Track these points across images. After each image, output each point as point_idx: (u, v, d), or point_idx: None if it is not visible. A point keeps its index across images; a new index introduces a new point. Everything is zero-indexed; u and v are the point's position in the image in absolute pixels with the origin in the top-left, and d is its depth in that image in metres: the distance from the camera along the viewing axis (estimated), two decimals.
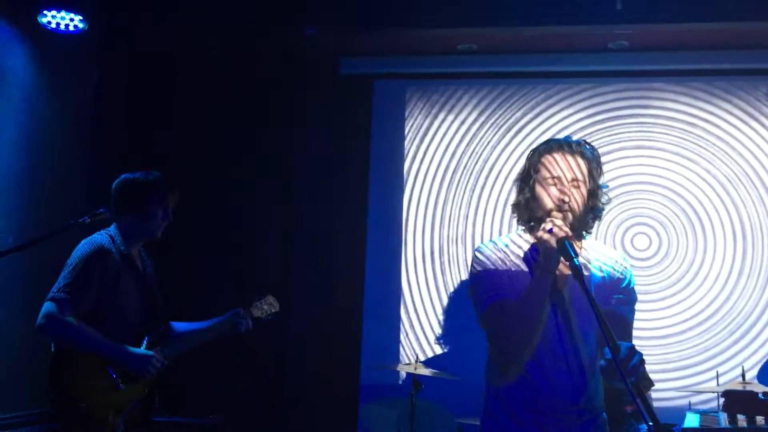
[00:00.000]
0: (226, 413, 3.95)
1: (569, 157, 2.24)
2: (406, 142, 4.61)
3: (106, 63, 4.16)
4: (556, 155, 2.25)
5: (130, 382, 2.93)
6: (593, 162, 2.27)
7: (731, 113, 4.32)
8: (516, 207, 2.33)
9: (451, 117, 4.58)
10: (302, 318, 4.45)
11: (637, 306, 2.33)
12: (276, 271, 4.50)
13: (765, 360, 4.06)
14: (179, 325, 3.22)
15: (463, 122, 4.56)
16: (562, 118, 4.46)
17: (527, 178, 2.30)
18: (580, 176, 2.23)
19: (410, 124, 4.62)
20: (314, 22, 4.10)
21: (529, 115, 4.50)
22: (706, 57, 4.32)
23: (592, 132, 4.43)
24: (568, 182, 2.22)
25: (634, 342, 2.24)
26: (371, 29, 4.24)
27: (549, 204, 2.22)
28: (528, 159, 2.32)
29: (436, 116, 4.59)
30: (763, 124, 4.28)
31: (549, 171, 2.24)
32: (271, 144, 4.59)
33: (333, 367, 4.42)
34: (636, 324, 2.34)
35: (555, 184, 2.23)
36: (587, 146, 2.29)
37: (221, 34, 4.35)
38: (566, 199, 2.20)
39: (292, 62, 4.56)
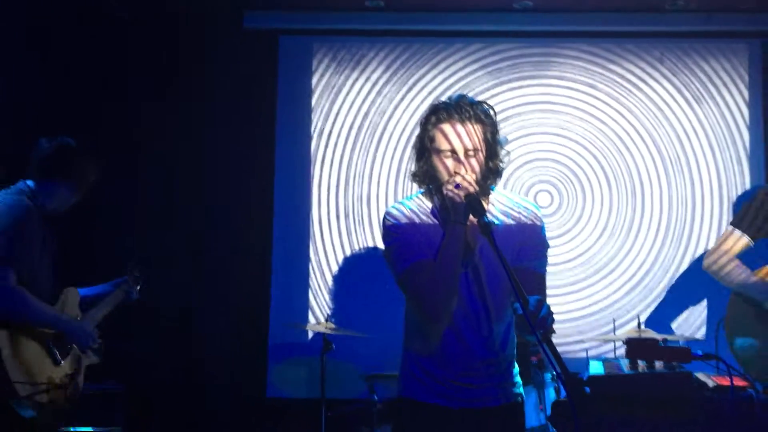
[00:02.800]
0: (130, 380, 3.85)
1: (460, 127, 2.23)
2: (313, 100, 4.54)
3: None
4: (447, 126, 2.24)
5: (66, 357, 2.82)
6: (487, 123, 2.27)
7: (628, 74, 4.47)
8: (414, 177, 2.33)
9: (357, 74, 4.53)
10: (209, 279, 4.36)
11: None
12: (181, 233, 4.36)
13: (657, 311, 4.32)
14: (82, 291, 3.11)
15: (369, 79, 4.53)
16: (467, 77, 4.50)
17: (423, 149, 2.30)
18: (474, 144, 2.23)
19: (317, 82, 4.54)
20: None
21: (435, 73, 4.51)
22: (605, 19, 4.45)
23: (496, 91, 4.49)
24: (463, 153, 2.23)
25: None
26: None
27: (445, 176, 2.24)
28: (421, 129, 2.31)
29: (343, 73, 4.53)
30: (657, 84, 4.46)
31: (443, 144, 2.24)
32: (173, 101, 4.41)
33: (241, 328, 4.37)
34: None
35: (450, 156, 2.23)
36: (480, 107, 2.28)
37: None
38: (462, 170, 2.21)
39: (194, 15, 4.38)
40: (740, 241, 3.08)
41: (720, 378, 2.48)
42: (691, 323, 4.32)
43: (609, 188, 4.46)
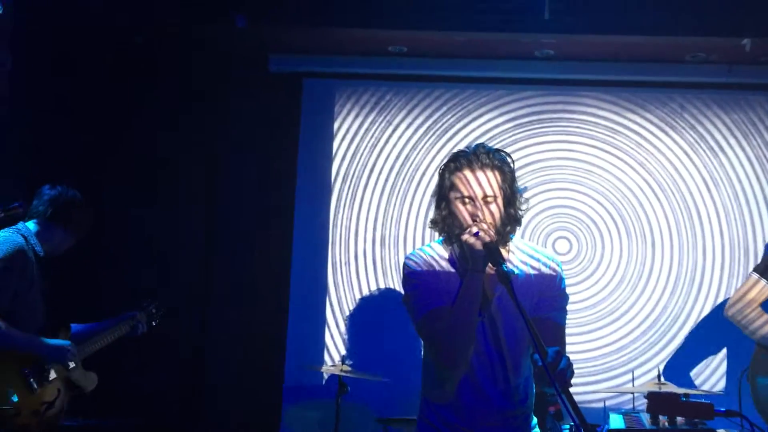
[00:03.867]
0: (142, 415, 3.84)
1: (479, 173, 2.26)
2: (334, 143, 4.58)
3: (23, 49, 3.95)
4: (466, 173, 2.27)
5: (44, 384, 2.83)
6: (506, 171, 2.29)
7: (648, 123, 4.48)
8: (434, 224, 2.35)
9: (380, 118, 4.58)
10: (225, 319, 4.36)
11: None
12: (199, 271, 4.39)
13: (675, 360, 4.26)
14: (78, 327, 3.21)
15: (391, 124, 4.57)
16: (487, 123, 4.53)
17: (442, 196, 2.32)
18: (493, 191, 2.25)
19: (339, 125, 4.60)
20: (245, 15, 4.01)
21: (457, 119, 4.55)
22: (626, 68, 4.47)
23: (516, 138, 4.51)
24: (480, 200, 2.24)
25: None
26: (302, 26, 4.18)
27: (464, 223, 2.25)
28: (440, 176, 2.34)
29: (365, 117, 4.58)
30: (677, 134, 4.46)
31: (461, 190, 2.26)
32: (198, 140, 4.48)
33: (256, 369, 4.36)
34: None
35: (468, 203, 2.25)
36: (498, 155, 2.31)
37: (148, 26, 4.22)
38: (479, 218, 2.22)
39: (221, 57, 4.47)
40: (762, 288, 3.03)
41: None
42: (712, 374, 4.25)
43: (629, 236, 4.43)
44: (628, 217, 4.44)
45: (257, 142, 4.53)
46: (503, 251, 2.32)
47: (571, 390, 2.01)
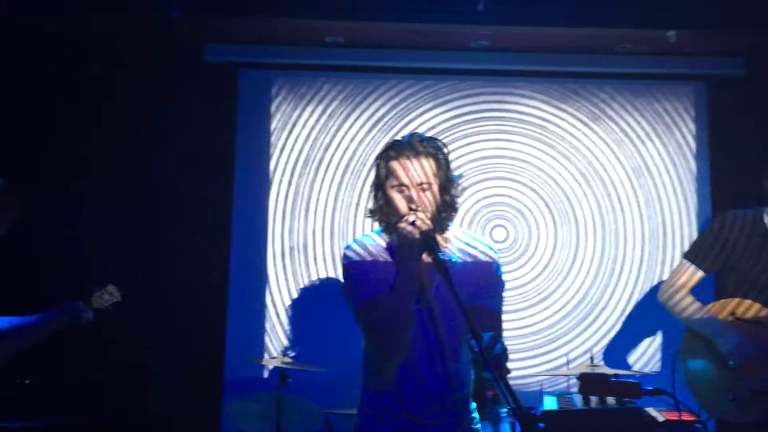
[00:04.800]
0: (79, 412, 3.77)
1: (414, 162, 2.30)
2: (272, 134, 4.55)
3: None
4: (400, 161, 2.30)
5: None
6: (440, 159, 2.34)
7: (579, 113, 4.60)
8: (372, 213, 2.38)
9: (318, 109, 4.57)
10: (164, 313, 4.29)
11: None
12: (135, 265, 4.31)
13: (610, 343, 4.39)
14: (3, 320, 3.08)
15: (330, 115, 4.57)
16: (425, 114, 4.57)
17: (379, 186, 2.35)
18: (428, 179, 2.30)
19: (277, 116, 4.57)
20: (179, 4, 3.95)
21: (395, 110, 4.57)
22: (559, 59, 4.57)
23: (452, 127, 4.56)
24: (416, 187, 2.28)
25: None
26: (238, 15, 4.14)
27: (401, 211, 2.29)
28: (376, 166, 2.38)
29: (303, 108, 4.56)
30: (606, 124, 4.59)
31: (396, 179, 2.30)
32: (130, 132, 4.39)
33: (196, 362, 4.30)
34: None
35: (404, 191, 2.28)
36: (432, 143, 2.35)
37: (79, 15, 4.11)
38: (414, 206, 2.25)
39: (154, 47, 4.38)
40: (690, 273, 3.09)
41: (670, 413, 2.55)
42: (647, 356, 4.40)
43: (558, 224, 4.54)
44: (556, 205, 4.55)
45: (193, 134, 4.46)
46: (441, 239, 2.36)
47: (510, 375, 2.07)
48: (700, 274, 3.10)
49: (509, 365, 2.18)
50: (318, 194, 4.52)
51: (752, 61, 4.50)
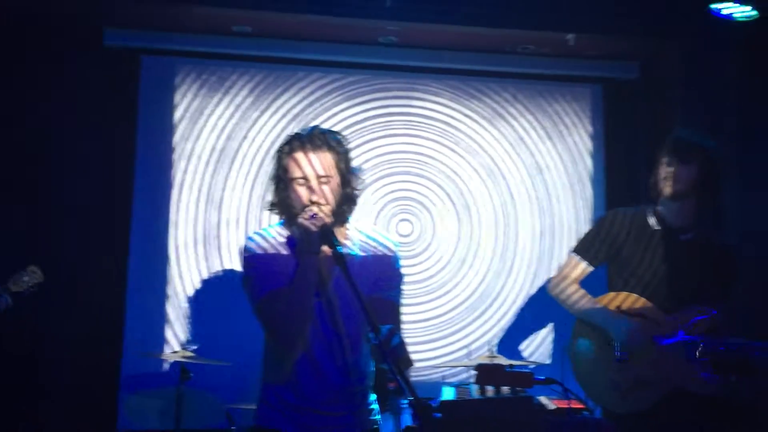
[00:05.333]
0: None
1: (313, 154, 2.30)
2: (175, 122, 4.44)
3: None
4: (300, 154, 2.30)
5: None
6: (340, 152, 2.35)
7: (482, 111, 4.71)
8: (272, 206, 2.37)
9: (221, 98, 4.49)
10: (59, 305, 4.12)
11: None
12: (29, 256, 4.11)
13: (507, 335, 4.53)
14: None
15: (233, 103, 4.49)
16: (333, 107, 4.57)
17: (279, 178, 2.34)
18: (327, 171, 2.30)
19: (181, 104, 4.46)
20: None
21: (300, 101, 4.55)
22: (465, 58, 4.67)
23: (360, 121, 4.59)
24: (316, 180, 2.28)
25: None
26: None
27: (300, 204, 2.29)
28: (276, 159, 2.37)
29: (207, 96, 4.47)
30: (507, 123, 4.72)
31: (296, 172, 2.30)
32: (23, 120, 4.18)
33: (91, 358, 4.16)
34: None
35: (303, 185, 2.29)
36: (332, 136, 2.36)
37: None
38: (315, 198, 2.26)
39: (49, 29, 4.18)
40: (580, 266, 3.18)
41: (560, 401, 2.66)
42: (541, 347, 4.56)
43: (458, 219, 4.65)
44: (458, 201, 4.65)
45: (92, 121, 4.29)
46: (341, 232, 2.38)
47: (413, 366, 2.10)
48: (585, 266, 3.19)
49: (413, 357, 2.22)
50: (223, 185, 4.45)
51: (646, 66, 4.73)
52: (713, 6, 3.60)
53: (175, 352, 3.92)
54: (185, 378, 3.71)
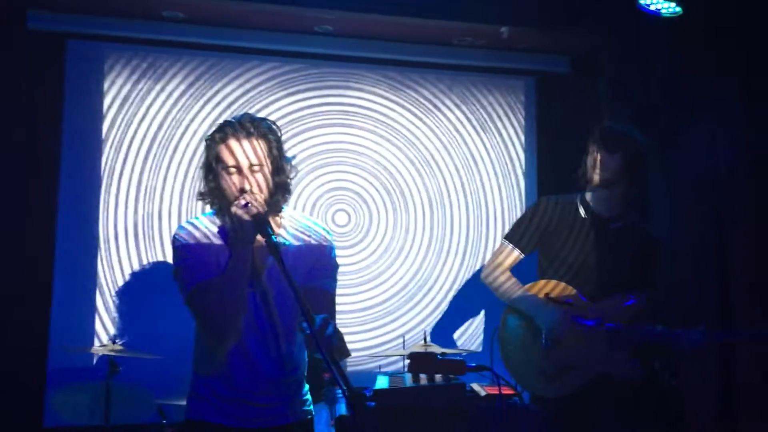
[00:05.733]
0: None
1: (245, 142, 2.26)
2: (104, 109, 4.31)
3: None
4: (231, 142, 2.26)
5: None
6: (271, 139, 2.31)
7: (418, 102, 4.73)
8: (202, 196, 2.32)
9: (153, 85, 4.37)
10: None
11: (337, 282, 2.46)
12: None
13: (441, 321, 4.59)
14: None
15: (164, 91, 4.38)
16: (266, 95, 4.50)
17: (209, 167, 2.30)
18: (259, 160, 2.27)
19: (110, 91, 4.33)
20: None
21: (234, 89, 4.47)
22: (402, 48, 4.67)
23: (296, 110, 4.54)
24: (247, 169, 2.25)
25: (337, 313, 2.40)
26: None
27: (232, 193, 2.25)
28: (206, 147, 2.32)
29: (138, 83, 4.35)
30: (443, 114, 4.76)
31: (227, 160, 2.26)
32: None
33: (16, 352, 4.00)
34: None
35: (235, 173, 2.25)
36: (263, 124, 2.32)
37: None
38: (247, 187, 2.23)
39: None
40: (512, 254, 3.24)
41: (491, 387, 2.71)
42: (473, 335, 4.63)
43: (395, 209, 4.67)
44: (398, 194, 4.67)
45: (15, 106, 4.11)
46: (275, 222, 2.36)
47: (350, 357, 2.10)
48: (517, 254, 3.25)
49: (350, 346, 2.22)
50: (155, 175, 4.35)
51: (577, 60, 4.83)
52: (641, 1, 3.70)
53: (103, 345, 3.82)
54: (114, 372, 3.62)
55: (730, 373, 3.81)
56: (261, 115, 2.43)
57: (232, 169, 2.26)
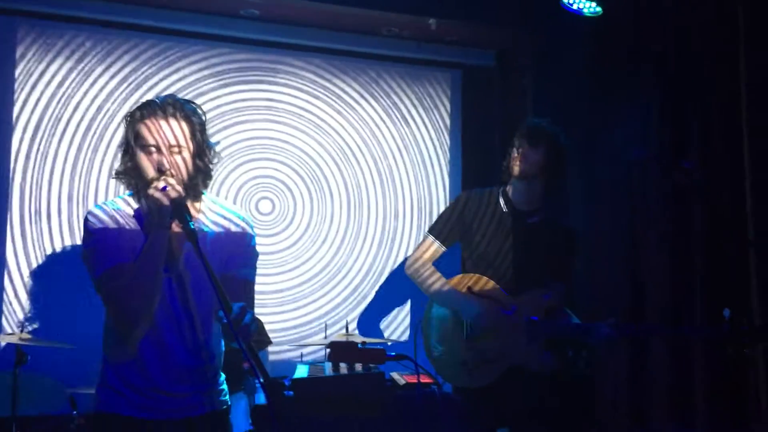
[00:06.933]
0: None
1: (166, 122, 2.20)
2: (16, 87, 4.11)
3: None
4: (152, 121, 2.19)
5: None
6: (194, 122, 2.25)
7: (346, 91, 4.71)
8: (118, 175, 2.25)
9: (68, 63, 4.19)
10: None
11: (259, 267, 2.42)
12: None
13: (362, 313, 4.60)
14: None
15: (81, 71, 4.21)
16: (188, 77, 4.40)
17: (128, 146, 2.23)
18: (179, 141, 2.21)
19: (22, 68, 4.13)
20: None
21: (157, 72, 4.35)
22: (329, 36, 4.63)
23: (221, 95, 4.46)
24: (167, 149, 2.19)
25: (257, 301, 2.35)
26: None
27: (150, 173, 2.18)
28: (126, 125, 2.24)
29: (52, 61, 4.17)
30: (369, 103, 4.75)
31: (146, 140, 2.19)
32: None
33: None
34: (258, 283, 2.44)
35: (154, 153, 2.18)
36: (187, 106, 2.26)
37: None
38: (165, 167, 2.17)
39: None
40: (433, 246, 3.28)
41: (410, 376, 2.72)
42: (398, 326, 4.65)
43: (325, 197, 4.65)
44: (325, 181, 4.65)
45: None
46: (194, 207, 2.30)
47: (270, 347, 2.06)
48: (438, 246, 3.30)
49: (269, 327, 2.17)
50: (65, 155, 4.17)
51: (501, 54, 4.90)
52: (564, 0, 3.78)
53: (10, 333, 3.65)
54: (22, 361, 3.47)
55: (641, 365, 3.95)
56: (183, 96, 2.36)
57: (151, 149, 2.18)
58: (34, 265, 4.08)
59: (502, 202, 3.27)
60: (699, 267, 3.76)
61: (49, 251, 4.10)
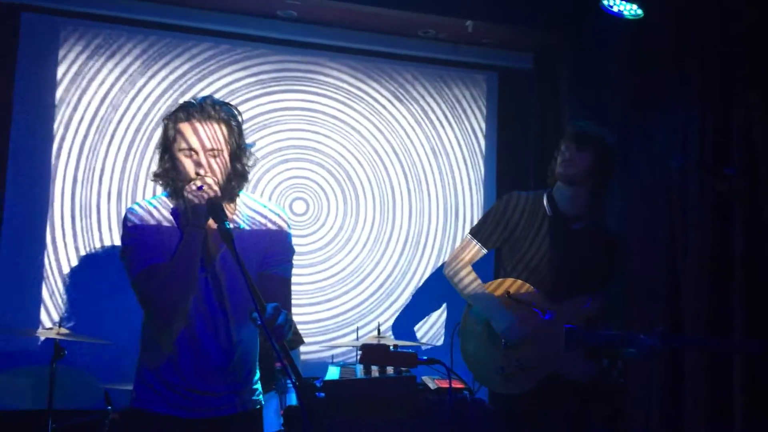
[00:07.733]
0: None
1: (205, 125, 2.21)
2: (58, 87, 4.19)
3: None
4: (190, 124, 2.20)
5: None
6: (232, 125, 2.26)
7: (381, 93, 4.71)
8: (156, 177, 2.26)
9: (110, 64, 4.26)
10: None
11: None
12: None
13: (397, 316, 4.58)
14: None
15: (123, 72, 4.28)
16: (226, 77, 4.44)
17: (165, 148, 2.24)
18: (217, 144, 2.21)
19: (65, 68, 4.20)
20: None
21: (196, 73, 4.39)
22: (366, 38, 4.64)
23: (258, 96, 4.49)
24: (205, 152, 2.20)
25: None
26: None
27: (187, 175, 2.19)
28: (164, 127, 2.25)
29: (94, 62, 4.24)
30: (408, 104, 4.74)
31: (185, 142, 2.20)
32: None
33: None
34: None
35: (191, 156, 2.19)
36: (225, 108, 2.27)
37: None
38: (203, 171, 2.18)
39: None
40: (474, 249, 3.19)
41: (442, 381, 2.70)
42: (434, 330, 4.63)
43: (362, 198, 4.65)
44: (361, 182, 4.65)
45: None
46: (229, 207, 2.31)
47: (302, 347, 2.07)
48: (479, 249, 3.22)
49: (297, 319, 2.17)
50: (105, 155, 4.24)
51: (539, 57, 4.85)
52: (605, 2, 3.72)
53: (49, 328, 3.72)
54: (59, 356, 3.53)
55: (676, 375, 3.87)
56: (220, 98, 2.37)
57: (188, 152, 2.20)
58: (74, 261, 4.14)
59: (547, 206, 3.19)
60: (739, 276, 3.66)
61: (88, 249, 4.17)
